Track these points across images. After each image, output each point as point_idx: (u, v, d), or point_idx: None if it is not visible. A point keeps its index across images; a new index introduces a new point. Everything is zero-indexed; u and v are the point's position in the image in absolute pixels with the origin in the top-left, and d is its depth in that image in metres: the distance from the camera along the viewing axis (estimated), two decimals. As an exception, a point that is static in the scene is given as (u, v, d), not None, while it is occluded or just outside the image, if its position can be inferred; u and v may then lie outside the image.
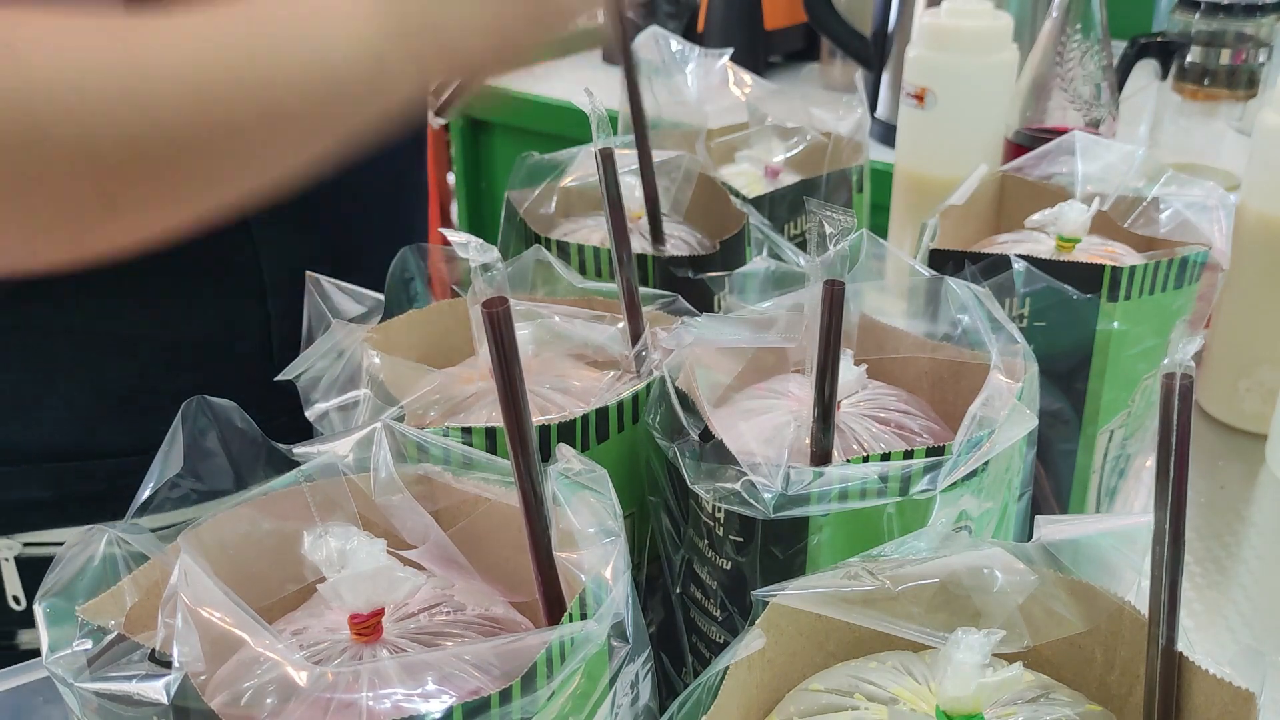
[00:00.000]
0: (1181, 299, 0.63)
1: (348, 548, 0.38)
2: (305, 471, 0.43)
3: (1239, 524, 0.78)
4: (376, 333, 0.55)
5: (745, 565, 0.46)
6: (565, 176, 0.78)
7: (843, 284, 0.45)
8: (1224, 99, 1.00)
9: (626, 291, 0.53)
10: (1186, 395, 0.34)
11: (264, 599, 0.42)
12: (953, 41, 0.95)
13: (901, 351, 0.56)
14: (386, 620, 0.39)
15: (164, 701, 0.32)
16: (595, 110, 0.51)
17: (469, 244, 0.51)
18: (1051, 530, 0.40)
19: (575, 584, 0.39)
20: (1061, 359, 0.61)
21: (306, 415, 0.52)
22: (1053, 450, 0.64)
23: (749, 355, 0.55)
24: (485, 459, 0.44)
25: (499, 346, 0.37)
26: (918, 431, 0.51)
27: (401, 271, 0.65)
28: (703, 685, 0.38)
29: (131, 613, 0.38)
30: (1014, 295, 0.60)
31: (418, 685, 0.36)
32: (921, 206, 0.99)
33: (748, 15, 1.65)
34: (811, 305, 0.47)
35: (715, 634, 0.50)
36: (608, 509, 0.41)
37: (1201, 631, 0.68)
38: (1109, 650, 0.40)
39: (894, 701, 0.38)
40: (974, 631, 0.36)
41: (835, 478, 0.44)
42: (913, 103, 0.98)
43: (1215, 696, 0.36)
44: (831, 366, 0.46)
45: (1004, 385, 0.49)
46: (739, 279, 0.62)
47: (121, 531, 0.38)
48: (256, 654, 0.36)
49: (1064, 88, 0.93)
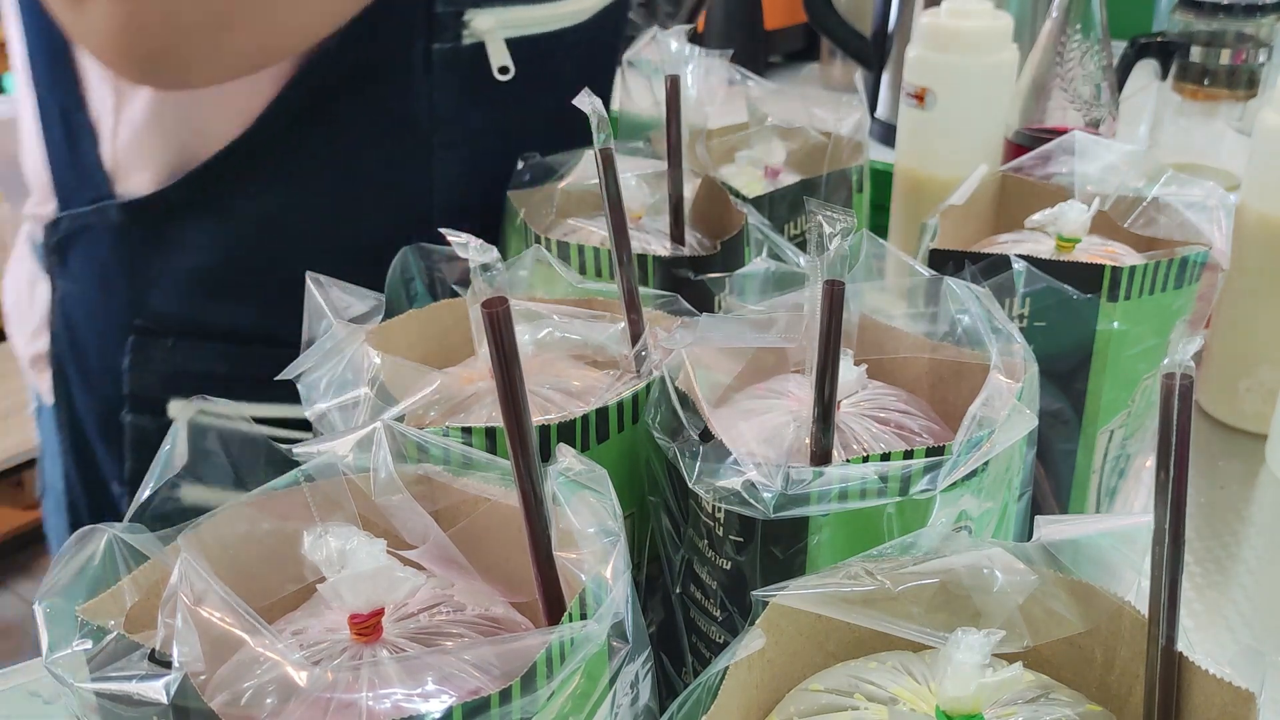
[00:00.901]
0: (1181, 299, 0.63)
1: (348, 548, 0.38)
2: (305, 471, 0.43)
3: (1239, 524, 0.78)
4: (376, 333, 0.55)
5: (745, 565, 0.46)
6: (565, 177, 0.78)
7: (843, 284, 0.45)
8: (1224, 99, 1.00)
9: (626, 291, 0.53)
10: (1186, 395, 0.34)
11: (264, 599, 0.42)
12: (953, 41, 0.95)
13: (901, 351, 0.56)
14: (386, 620, 0.39)
15: (164, 701, 0.32)
16: (595, 110, 0.51)
17: (469, 244, 0.51)
18: (1051, 530, 0.40)
19: (575, 584, 0.39)
20: (1061, 359, 0.61)
21: (306, 415, 0.52)
22: (1053, 450, 0.64)
23: (749, 355, 0.55)
24: (485, 459, 0.44)
25: (499, 346, 0.37)
26: (918, 431, 0.51)
27: (401, 271, 0.65)
28: (703, 685, 0.38)
29: (131, 613, 0.38)
30: (1014, 295, 0.60)
31: (417, 685, 0.36)
32: (921, 206, 0.99)
33: (748, 15, 1.65)
34: (811, 305, 0.47)
35: (715, 634, 0.50)
36: (608, 509, 0.41)
37: (1201, 631, 0.68)
38: (1109, 650, 0.40)
39: (894, 701, 0.38)
40: (974, 631, 0.36)
41: (835, 478, 0.44)
42: (913, 103, 0.98)
43: (1215, 696, 0.36)
44: (831, 366, 0.46)
45: (1004, 385, 0.49)
46: (739, 279, 0.62)
47: (121, 531, 0.38)
48: (256, 654, 0.36)
49: (1064, 88, 0.93)
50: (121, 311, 0.78)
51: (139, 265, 0.77)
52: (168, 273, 0.77)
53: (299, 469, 0.43)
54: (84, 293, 0.80)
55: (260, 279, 0.77)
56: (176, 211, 0.75)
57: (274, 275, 0.72)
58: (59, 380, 0.84)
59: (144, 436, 0.79)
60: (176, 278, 0.77)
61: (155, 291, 0.77)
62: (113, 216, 0.77)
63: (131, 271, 0.78)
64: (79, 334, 0.82)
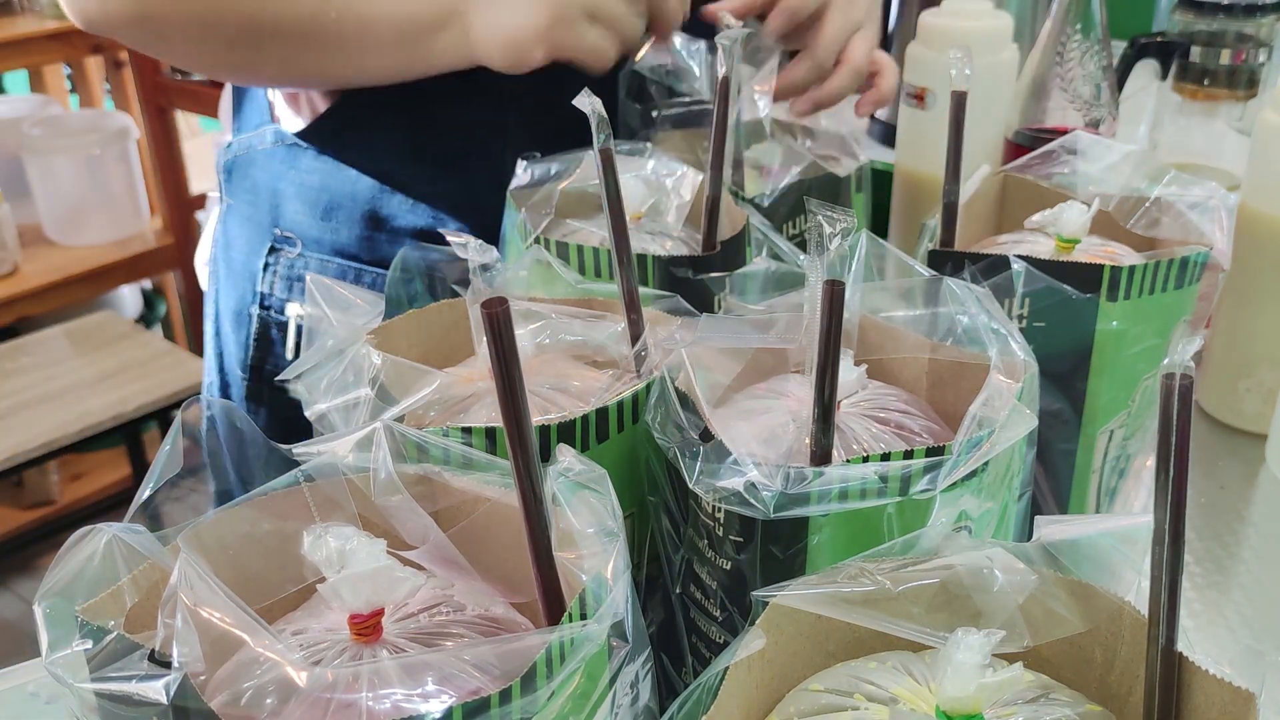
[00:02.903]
0: (1182, 299, 0.63)
1: (348, 548, 0.38)
2: (305, 471, 0.43)
3: (1239, 524, 0.78)
4: (377, 333, 0.55)
5: (745, 565, 0.46)
6: (565, 179, 0.78)
7: (843, 284, 0.45)
8: (1224, 99, 1.00)
9: (626, 291, 0.53)
10: (1186, 395, 0.34)
11: (264, 599, 0.42)
12: (953, 41, 0.95)
13: (901, 351, 0.56)
14: (386, 620, 0.39)
15: (164, 701, 0.32)
16: (595, 110, 0.51)
17: (469, 244, 0.51)
18: (1051, 530, 0.40)
19: (575, 584, 0.39)
20: (1061, 359, 0.61)
21: (306, 415, 0.52)
22: (1052, 450, 0.64)
23: (749, 355, 0.55)
24: (485, 459, 0.44)
25: (499, 346, 0.37)
26: (918, 431, 0.51)
27: (401, 271, 0.65)
28: (703, 685, 0.38)
29: (131, 613, 0.38)
30: (1014, 295, 0.60)
31: (418, 685, 0.36)
32: (921, 206, 0.99)
33: (748, 15, 1.64)
34: (811, 305, 0.47)
35: (715, 634, 0.50)
36: (608, 509, 0.41)
37: (1201, 631, 0.68)
38: (1109, 650, 0.40)
39: (894, 701, 0.38)
40: (974, 632, 0.36)
41: (835, 478, 0.44)
42: (913, 103, 0.98)
43: (1215, 696, 0.36)
44: (831, 366, 0.46)
45: (1004, 385, 0.49)
46: (739, 279, 0.62)
47: (121, 532, 0.38)
48: (256, 654, 0.36)
49: (1064, 88, 0.93)
50: (263, 222, 0.95)
51: (279, 185, 0.93)
52: (298, 194, 0.93)
53: (299, 469, 0.43)
54: (240, 206, 0.97)
55: (360, 209, 0.91)
56: (310, 143, 0.91)
57: (370, 207, 0.90)
58: (212, 278, 1.02)
59: (265, 329, 0.95)
60: (305, 198, 0.92)
61: (287, 207, 0.93)
62: (268, 141, 0.94)
63: (273, 190, 0.94)
64: (231, 238, 0.98)
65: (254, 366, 0.95)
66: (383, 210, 0.91)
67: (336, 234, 0.92)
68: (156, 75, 2.65)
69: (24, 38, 2.39)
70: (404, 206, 0.91)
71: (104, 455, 2.50)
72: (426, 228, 0.90)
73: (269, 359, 0.95)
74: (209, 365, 1.03)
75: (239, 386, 0.97)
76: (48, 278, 2.46)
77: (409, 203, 0.91)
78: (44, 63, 2.73)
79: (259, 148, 0.95)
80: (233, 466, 0.44)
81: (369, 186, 0.91)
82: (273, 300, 0.94)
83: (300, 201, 0.93)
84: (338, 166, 0.91)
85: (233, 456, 0.44)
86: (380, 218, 0.91)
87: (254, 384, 0.96)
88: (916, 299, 0.56)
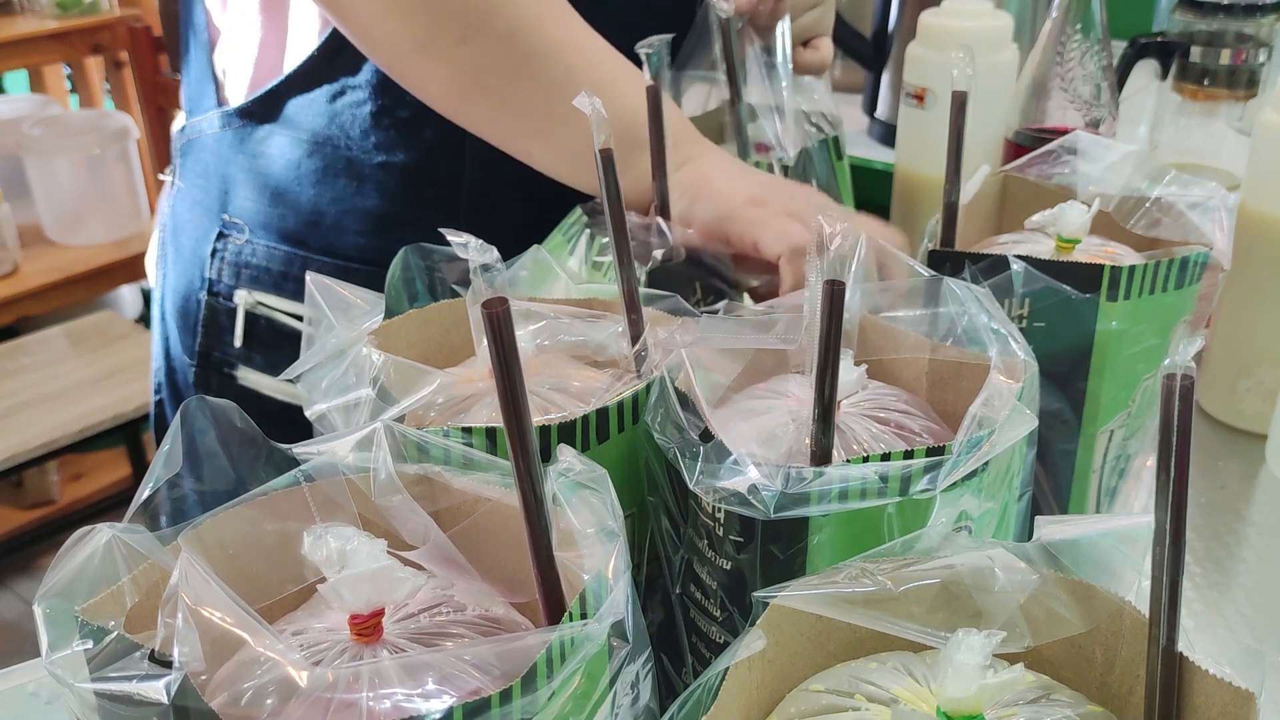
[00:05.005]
0: (1182, 299, 0.63)
1: (348, 548, 0.38)
2: (305, 471, 0.43)
3: (1239, 524, 0.78)
4: (377, 333, 0.55)
5: (745, 565, 0.46)
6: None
7: (843, 284, 0.45)
8: (1224, 99, 1.00)
9: (626, 292, 0.53)
10: (1187, 395, 0.34)
11: (264, 599, 0.42)
12: (952, 41, 0.95)
13: (901, 351, 0.56)
14: (386, 620, 0.39)
15: (164, 701, 0.32)
16: (595, 110, 0.51)
17: (469, 244, 0.51)
18: (1051, 530, 0.40)
19: (575, 584, 0.39)
20: (1061, 359, 0.61)
21: (307, 415, 0.52)
22: (1053, 450, 0.64)
23: (749, 356, 0.55)
24: (485, 459, 0.44)
25: (499, 346, 0.37)
26: (918, 431, 0.51)
27: (401, 271, 0.65)
28: (703, 685, 0.38)
29: (131, 613, 0.38)
30: (1014, 295, 0.60)
31: (418, 685, 0.36)
32: (921, 206, 0.99)
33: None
34: (811, 305, 0.47)
35: (715, 634, 0.50)
36: (608, 509, 0.41)
37: (1201, 631, 0.68)
38: (1109, 650, 0.40)
39: (895, 702, 0.38)
40: (975, 632, 0.36)
41: (835, 478, 0.44)
42: (913, 103, 0.99)
43: (1215, 696, 0.36)
44: (831, 367, 0.46)
45: (1004, 385, 0.49)
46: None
47: (121, 532, 0.38)
48: (257, 654, 0.36)
49: (1064, 88, 0.93)
50: (213, 207, 0.93)
51: (228, 170, 0.92)
52: (247, 179, 0.91)
53: (299, 469, 0.43)
54: (190, 191, 0.96)
55: (314, 193, 0.89)
56: (257, 123, 0.89)
57: (326, 193, 0.88)
58: (160, 265, 1.00)
59: (213, 316, 0.93)
60: (254, 182, 0.90)
61: (236, 193, 0.91)
62: (216, 124, 0.92)
63: (222, 174, 0.92)
64: (180, 223, 0.97)
65: (202, 353, 0.94)
66: (335, 192, 0.90)
67: (284, 220, 0.90)
68: (156, 75, 2.65)
69: (24, 38, 2.40)
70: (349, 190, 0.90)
71: (104, 455, 2.50)
72: (373, 210, 0.89)
73: (217, 346, 0.94)
74: (155, 351, 1.02)
75: (186, 373, 0.96)
76: (48, 278, 2.47)
77: (354, 185, 0.89)
78: (44, 63, 2.73)
79: (208, 131, 0.93)
80: (233, 466, 0.44)
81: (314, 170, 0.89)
82: (221, 287, 0.93)
83: (249, 187, 0.91)
84: (284, 150, 0.89)
85: (233, 456, 0.44)
86: (336, 200, 0.90)
87: (201, 371, 0.95)
88: (916, 299, 0.56)
